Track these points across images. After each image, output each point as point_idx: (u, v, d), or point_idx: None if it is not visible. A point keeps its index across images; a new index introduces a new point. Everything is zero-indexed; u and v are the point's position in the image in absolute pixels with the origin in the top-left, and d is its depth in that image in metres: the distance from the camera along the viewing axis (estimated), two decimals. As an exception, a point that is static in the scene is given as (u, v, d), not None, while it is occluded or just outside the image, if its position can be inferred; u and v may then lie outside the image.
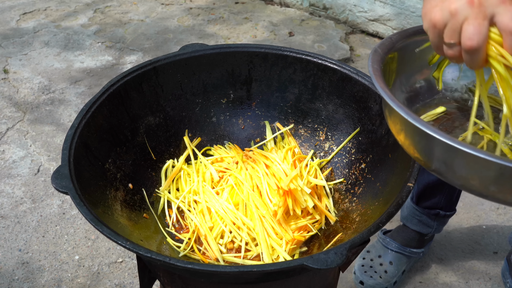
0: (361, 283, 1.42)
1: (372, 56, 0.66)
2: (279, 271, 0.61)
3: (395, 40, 0.71)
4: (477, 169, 0.53)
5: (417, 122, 0.55)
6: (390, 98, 0.59)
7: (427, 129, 0.54)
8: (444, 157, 0.56)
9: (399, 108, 0.57)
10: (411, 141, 0.61)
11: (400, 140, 0.64)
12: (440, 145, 0.54)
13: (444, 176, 0.59)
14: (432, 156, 0.58)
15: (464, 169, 0.55)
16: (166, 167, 0.93)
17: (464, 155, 0.52)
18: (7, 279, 1.46)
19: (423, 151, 0.59)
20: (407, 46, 0.73)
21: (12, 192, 1.75)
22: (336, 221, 0.86)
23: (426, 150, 0.58)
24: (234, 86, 0.98)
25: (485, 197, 0.57)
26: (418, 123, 0.55)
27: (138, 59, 2.54)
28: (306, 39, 2.73)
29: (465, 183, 0.57)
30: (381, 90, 0.60)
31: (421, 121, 0.55)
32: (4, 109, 2.16)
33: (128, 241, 0.63)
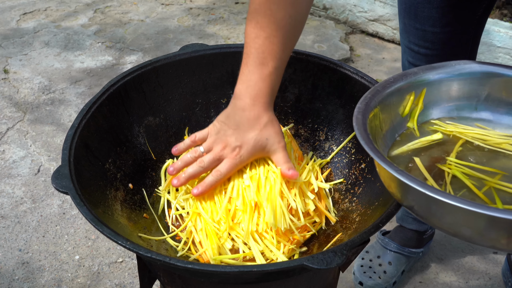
0: (360, 283, 1.42)
1: (356, 124, 0.68)
2: (279, 271, 0.61)
3: (369, 101, 0.72)
4: (471, 222, 0.54)
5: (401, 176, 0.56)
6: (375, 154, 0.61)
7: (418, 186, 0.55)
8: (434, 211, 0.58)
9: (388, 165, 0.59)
10: (401, 197, 0.63)
11: (391, 193, 0.66)
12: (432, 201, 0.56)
13: (433, 225, 0.61)
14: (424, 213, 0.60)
15: (455, 221, 0.56)
16: (166, 166, 0.93)
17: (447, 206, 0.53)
18: (7, 279, 1.46)
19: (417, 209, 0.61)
20: (384, 100, 0.74)
21: (12, 192, 1.75)
22: (336, 221, 0.86)
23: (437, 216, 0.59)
24: (234, 86, 0.98)
25: (478, 244, 0.59)
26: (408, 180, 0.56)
27: (138, 59, 2.54)
28: (306, 39, 2.73)
29: (458, 234, 0.58)
30: (368, 149, 0.62)
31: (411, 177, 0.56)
32: (4, 109, 2.16)
33: (128, 241, 0.63)
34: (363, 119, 0.68)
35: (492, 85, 0.77)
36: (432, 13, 1.08)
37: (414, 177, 0.56)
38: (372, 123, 0.70)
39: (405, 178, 0.56)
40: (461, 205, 0.51)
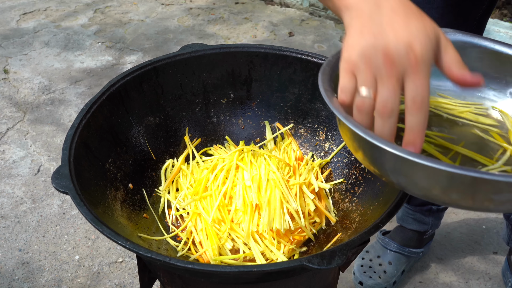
0: (360, 283, 1.42)
1: (321, 74, 0.62)
2: (279, 271, 0.61)
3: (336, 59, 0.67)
4: (435, 180, 0.51)
5: (369, 137, 0.51)
6: (342, 114, 0.55)
7: (379, 142, 0.51)
8: (401, 170, 0.54)
9: (349, 122, 0.54)
10: (367, 157, 0.58)
11: (358, 158, 0.61)
12: (394, 158, 0.52)
13: (407, 190, 0.58)
14: (390, 170, 0.56)
15: (423, 180, 0.53)
16: (166, 167, 0.93)
17: (420, 166, 0.50)
18: (7, 279, 1.46)
19: (380, 166, 0.57)
20: None
21: (12, 192, 1.75)
22: (336, 221, 0.86)
23: (382, 164, 0.56)
24: (234, 86, 0.98)
25: (449, 205, 0.56)
26: (371, 137, 0.51)
27: (138, 59, 2.54)
28: (306, 39, 2.73)
29: (427, 194, 0.55)
30: (330, 105, 0.57)
31: (373, 134, 0.52)
32: (4, 109, 2.16)
33: (128, 241, 0.63)
34: (330, 71, 0.62)
35: (467, 55, 0.72)
36: (432, 13, 1.08)
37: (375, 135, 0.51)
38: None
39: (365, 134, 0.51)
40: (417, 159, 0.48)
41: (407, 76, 0.51)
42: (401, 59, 0.51)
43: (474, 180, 0.49)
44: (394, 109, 0.52)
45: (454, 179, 0.49)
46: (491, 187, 0.49)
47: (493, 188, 0.49)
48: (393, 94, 0.51)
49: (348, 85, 0.55)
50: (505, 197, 0.50)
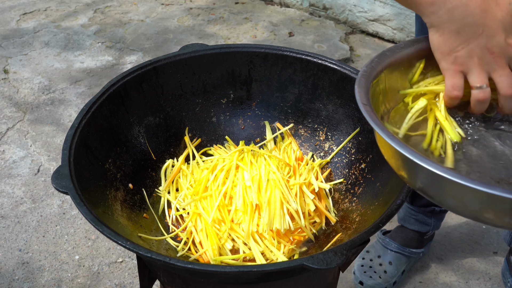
0: (361, 283, 1.42)
1: (357, 87, 0.64)
2: (279, 271, 0.61)
3: (375, 65, 0.68)
4: (470, 199, 0.52)
5: (407, 153, 0.53)
6: (381, 129, 0.57)
7: (418, 160, 0.52)
8: (435, 186, 0.55)
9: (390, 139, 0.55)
10: (403, 170, 0.60)
11: (392, 166, 0.63)
12: (429, 175, 0.53)
13: (437, 202, 0.58)
14: (424, 185, 0.57)
15: (457, 197, 0.54)
16: (166, 167, 0.93)
17: (456, 184, 0.50)
18: (7, 279, 1.46)
19: (415, 180, 0.58)
20: (391, 65, 0.70)
21: (12, 192, 1.75)
22: (336, 221, 0.86)
23: (417, 179, 0.58)
24: (234, 86, 0.98)
25: (481, 222, 0.57)
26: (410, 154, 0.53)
27: (138, 59, 2.54)
28: (306, 39, 2.73)
29: (459, 210, 0.56)
30: (372, 122, 0.58)
31: (412, 151, 0.53)
32: (4, 109, 2.16)
33: (128, 241, 0.63)
34: (366, 82, 0.65)
35: None
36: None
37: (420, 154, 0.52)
38: (377, 88, 0.66)
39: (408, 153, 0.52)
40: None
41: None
42: (504, 52, 0.61)
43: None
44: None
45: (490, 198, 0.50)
46: None
47: None
48: (511, 77, 0.62)
49: (459, 83, 0.63)
50: None
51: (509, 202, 0.49)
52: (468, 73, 0.63)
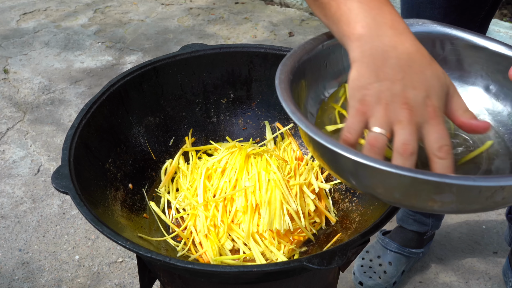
0: (360, 283, 1.42)
1: (278, 82, 0.61)
2: (279, 271, 0.61)
3: (308, 49, 0.67)
4: (376, 179, 0.52)
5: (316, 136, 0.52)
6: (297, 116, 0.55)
7: (326, 142, 0.51)
8: (348, 169, 0.54)
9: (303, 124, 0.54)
10: (320, 158, 0.59)
11: (317, 159, 0.61)
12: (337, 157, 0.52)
13: (357, 189, 0.58)
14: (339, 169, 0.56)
15: (367, 179, 0.53)
16: (166, 167, 0.93)
17: (357, 164, 0.50)
18: (7, 279, 1.46)
19: (331, 165, 0.58)
20: (311, 60, 0.68)
21: (12, 192, 1.75)
22: (336, 221, 0.86)
23: (331, 163, 0.57)
24: (234, 86, 0.98)
25: (397, 205, 0.56)
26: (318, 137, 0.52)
27: (138, 59, 2.54)
28: (306, 39, 2.73)
29: (373, 193, 0.55)
30: (288, 110, 0.56)
31: (320, 133, 0.52)
32: (4, 109, 2.16)
33: (128, 241, 0.63)
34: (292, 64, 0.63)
35: (449, 48, 0.71)
36: (434, 13, 1.08)
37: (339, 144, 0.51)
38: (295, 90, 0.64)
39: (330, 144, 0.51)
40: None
41: (427, 124, 0.53)
42: (419, 109, 0.53)
43: (413, 180, 0.48)
44: (415, 151, 0.52)
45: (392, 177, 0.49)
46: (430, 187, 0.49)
47: (433, 189, 0.49)
48: (413, 138, 0.52)
49: (358, 127, 0.55)
50: (447, 198, 0.50)
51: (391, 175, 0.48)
52: (370, 116, 0.54)
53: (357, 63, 0.56)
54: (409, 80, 0.54)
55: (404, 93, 0.53)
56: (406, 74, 0.54)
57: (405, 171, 0.47)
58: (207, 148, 0.98)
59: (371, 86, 0.54)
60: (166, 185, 0.91)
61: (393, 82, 0.53)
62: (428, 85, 0.54)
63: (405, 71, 0.54)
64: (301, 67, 0.65)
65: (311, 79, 0.68)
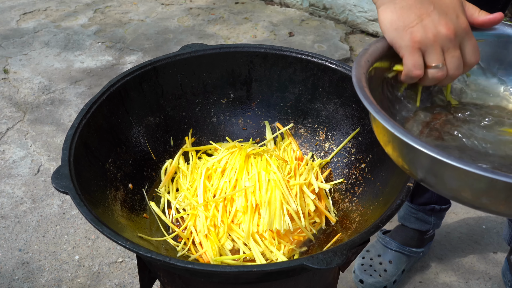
0: (361, 281, 1.42)
1: (356, 68, 0.63)
2: (279, 271, 0.61)
3: (379, 46, 0.67)
4: (467, 182, 0.52)
5: (404, 136, 0.53)
6: (375, 110, 0.56)
7: (414, 142, 0.52)
8: (432, 170, 0.54)
9: (385, 121, 0.55)
10: (399, 154, 0.59)
11: (388, 152, 0.62)
12: (427, 158, 0.53)
13: (435, 188, 0.58)
14: (421, 169, 0.56)
15: (453, 182, 0.53)
16: (166, 167, 0.93)
17: (453, 168, 0.50)
18: (7, 279, 1.46)
19: (411, 164, 0.58)
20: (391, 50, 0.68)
21: (12, 192, 1.75)
22: (336, 221, 0.86)
23: (414, 163, 0.57)
24: (234, 86, 0.98)
25: (478, 208, 0.56)
26: (405, 137, 0.53)
27: (138, 59, 2.54)
28: (306, 39, 2.73)
29: (456, 195, 0.55)
30: (366, 102, 0.58)
31: (407, 134, 0.53)
32: (4, 109, 2.16)
33: (128, 241, 0.63)
34: (364, 67, 0.63)
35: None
36: None
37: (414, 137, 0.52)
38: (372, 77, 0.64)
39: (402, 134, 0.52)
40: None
41: (464, 40, 0.62)
42: (458, 29, 0.61)
43: (507, 185, 0.48)
44: (461, 69, 0.63)
45: (489, 184, 0.49)
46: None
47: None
48: (460, 58, 0.62)
49: (420, 61, 0.61)
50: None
51: (484, 181, 0.49)
52: (425, 50, 0.61)
53: (386, 5, 0.62)
54: (439, 8, 0.61)
55: (442, 20, 0.60)
56: (435, 4, 0.61)
57: (501, 176, 0.47)
58: (207, 148, 0.98)
59: (413, 23, 0.60)
60: (166, 185, 0.91)
61: (429, 14, 0.60)
62: (453, 5, 0.62)
63: (432, 2, 0.61)
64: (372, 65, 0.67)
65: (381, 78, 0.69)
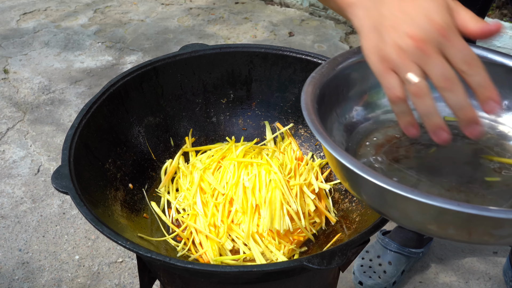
0: (360, 283, 1.42)
1: (304, 96, 0.61)
2: (279, 271, 0.61)
3: (325, 73, 0.66)
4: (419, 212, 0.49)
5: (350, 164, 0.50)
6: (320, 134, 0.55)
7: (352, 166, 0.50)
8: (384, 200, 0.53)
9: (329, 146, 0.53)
10: (349, 184, 0.57)
11: (344, 185, 0.61)
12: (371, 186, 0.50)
13: (385, 216, 0.56)
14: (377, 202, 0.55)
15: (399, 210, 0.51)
16: (166, 167, 0.93)
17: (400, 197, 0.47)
18: (7, 279, 1.46)
19: (367, 196, 0.56)
20: (338, 76, 0.67)
21: (12, 192, 1.75)
22: (336, 221, 0.86)
23: (367, 193, 0.55)
24: (234, 86, 0.98)
25: (451, 239, 0.53)
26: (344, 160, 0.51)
27: (138, 59, 2.54)
28: (306, 39, 2.73)
29: (408, 224, 0.53)
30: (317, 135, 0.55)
31: (353, 161, 0.51)
32: (4, 109, 2.16)
33: (128, 241, 0.63)
34: (313, 89, 0.62)
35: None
36: None
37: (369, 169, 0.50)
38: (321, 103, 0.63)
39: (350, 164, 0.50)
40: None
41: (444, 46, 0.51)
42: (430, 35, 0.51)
43: (470, 216, 0.46)
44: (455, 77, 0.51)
45: (449, 214, 0.47)
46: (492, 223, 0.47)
47: (493, 224, 0.47)
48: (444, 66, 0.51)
49: (395, 83, 0.53)
50: (506, 232, 0.48)
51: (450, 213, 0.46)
52: (397, 70, 0.53)
53: (360, 31, 0.57)
54: (408, 16, 0.53)
55: (410, 31, 0.52)
56: (402, 13, 0.53)
57: (469, 209, 0.45)
58: (207, 148, 0.98)
59: (381, 43, 0.54)
60: (166, 185, 0.91)
61: (396, 28, 0.53)
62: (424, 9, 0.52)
63: (400, 11, 0.53)
64: (320, 93, 0.64)
65: (331, 105, 0.67)
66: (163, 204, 0.89)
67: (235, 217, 0.83)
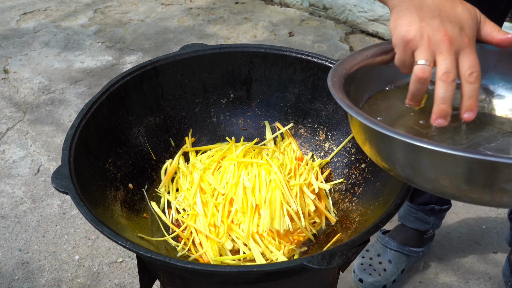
0: (360, 280, 1.42)
1: (332, 72, 0.64)
2: (279, 271, 0.61)
3: (359, 60, 0.69)
4: (444, 167, 0.51)
5: (374, 125, 0.53)
6: (348, 106, 0.57)
7: (385, 130, 0.52)
8: (408, 160, 0.54)
9: (357, 114, 0.56)
10: (374, 147, 0.59)
11: (366, 152, 0.63)
12: (400, 145, 0.53)
13: (414, 182, 0.58)
14: (398, 163, 0.56)
15: (430, 170, 0.53)
16: (166, 167, 0.93)
17: (427, 152, 0.50)
18: (7, 279, 1.46)
19: (387, 156, 0.58)
20: (371, 64, 0.70)
21: (12, 192, 1.75)
22: (336, 221, 0.86)
23: (390, 156, 0.57)
24: (234, 86, 0.98)
25: (459, 198, 0.56)
26: (375, 125, 0.53)
27: (138, 59, 2.54)
28: (306, 39, 2.73)
29: (436, 185, 0.55)
30: (338, 99, 0.59)
31: (378, 123, 0.54)
32: (4, 109, 2.16)
33: (128, 241, 0.63)
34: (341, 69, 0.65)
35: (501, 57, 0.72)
36: None
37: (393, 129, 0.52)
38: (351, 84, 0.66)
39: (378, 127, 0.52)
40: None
41: (462, 53, 0.61)
42: (457, 40, 0.61)
43: (491, 164, 0.47)
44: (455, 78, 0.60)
45: (466, 164, 0.49)
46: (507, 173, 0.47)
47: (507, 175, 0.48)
48: (453, 66, 0.60)
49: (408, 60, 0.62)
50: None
51: (460, 162, 0.48)
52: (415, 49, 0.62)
53: (396, 9, 0.64)
54: (445, 16, 0.61)
55: (443, 26, 0.60)
56: (442, 12, 0.62)
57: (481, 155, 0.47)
58: (207, 148, 0.98)
59: (413, 24, 0.62)
60: (166, 185, 0.91)
61: (432, 19, 0.61)
62: (461, 19, 0.62)
63: (440, 9, 0.62)
64: (351, 75, 0.68)
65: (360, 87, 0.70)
66: (163, 204, 0.89)
67: (235, 217, 0.83)
